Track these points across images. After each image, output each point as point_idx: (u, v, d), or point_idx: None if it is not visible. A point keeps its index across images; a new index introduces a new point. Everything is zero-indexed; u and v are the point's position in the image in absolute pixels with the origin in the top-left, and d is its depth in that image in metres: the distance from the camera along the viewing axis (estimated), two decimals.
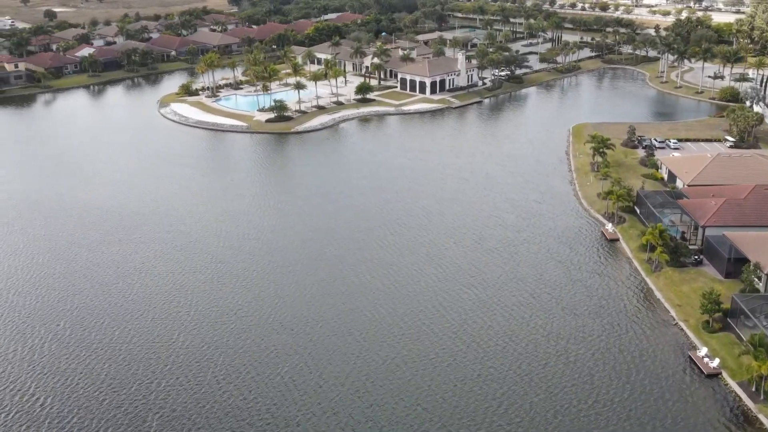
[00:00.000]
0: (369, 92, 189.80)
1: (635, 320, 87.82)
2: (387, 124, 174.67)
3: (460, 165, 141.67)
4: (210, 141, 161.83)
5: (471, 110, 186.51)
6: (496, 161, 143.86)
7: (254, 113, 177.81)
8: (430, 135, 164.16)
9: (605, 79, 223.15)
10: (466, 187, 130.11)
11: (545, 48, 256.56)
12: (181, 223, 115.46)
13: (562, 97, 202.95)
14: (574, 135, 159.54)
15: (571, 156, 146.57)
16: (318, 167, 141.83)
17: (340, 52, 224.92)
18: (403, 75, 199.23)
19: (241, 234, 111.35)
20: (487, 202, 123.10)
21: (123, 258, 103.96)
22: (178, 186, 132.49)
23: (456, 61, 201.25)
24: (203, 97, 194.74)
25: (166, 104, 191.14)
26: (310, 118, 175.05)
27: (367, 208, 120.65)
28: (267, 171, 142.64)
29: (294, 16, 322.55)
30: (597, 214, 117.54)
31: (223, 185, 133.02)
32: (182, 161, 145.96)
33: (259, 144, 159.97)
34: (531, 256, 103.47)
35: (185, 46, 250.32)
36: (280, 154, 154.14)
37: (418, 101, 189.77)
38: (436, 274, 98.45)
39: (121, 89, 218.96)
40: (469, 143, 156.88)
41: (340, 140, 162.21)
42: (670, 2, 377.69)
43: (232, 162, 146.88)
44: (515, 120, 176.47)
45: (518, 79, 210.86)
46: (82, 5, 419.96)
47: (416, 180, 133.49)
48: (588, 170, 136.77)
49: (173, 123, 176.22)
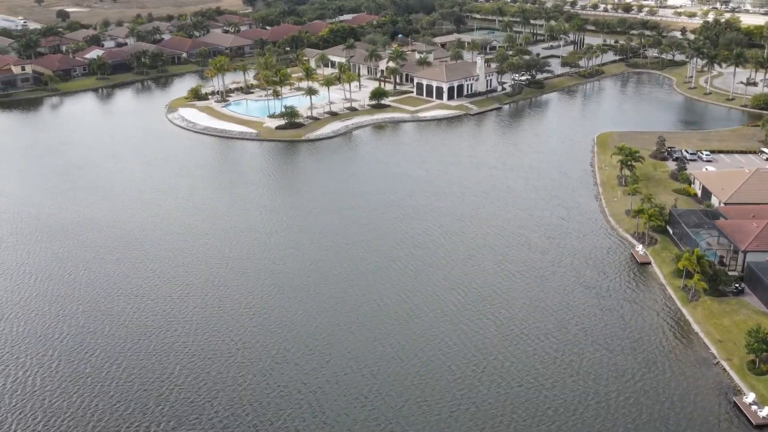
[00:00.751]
0: (384, 98, 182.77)
1: (672, 357, 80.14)
2: (402, 131, 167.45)
3: (480, 178, 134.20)
4: (217, 149, 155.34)
5: (490, 117, 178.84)
6: (518, 174, 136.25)
7: (264, 119, 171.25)
8: (447, 144, 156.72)
9: (630, 84, 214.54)
10: (488, 202, 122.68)
11: (567, 51, 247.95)
12: (183, 242, 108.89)
13: (585, 103, 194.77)
14: (599, 145, 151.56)
15: (597, 168, 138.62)
16: (329, 179, 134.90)
17: (355, 55, 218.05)
18: (419, 80, 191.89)
19: (245, 254, 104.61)
20: (509, 219, 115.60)
21: (119, 277, 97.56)
22: (180, 201, 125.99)
23: (474, 66, 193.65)
24: (212, 101, 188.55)
25: (174, 109, 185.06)
26: (322, 125, 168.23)
27: (381, 226, 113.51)
28: (276, 183, 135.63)
29: (309, 17, 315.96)
30: (626, 234, 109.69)
31: (228, 199, 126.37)
32: (187, 172, 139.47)
33: (268, 153, 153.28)
34: (557, 281, 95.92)
35: (196, 48, 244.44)
36: (290, 164, 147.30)
37: (434, 107, 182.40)
38: (455, 301, 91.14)
39: (129, 92, 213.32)
40: (489, 154, 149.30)
41: (353, 149, 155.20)
42: (695, 3, 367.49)
43: (239, 173, 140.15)
44: (537, 128, 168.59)
45: (539, 84, 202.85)
46: (96, 5, 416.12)
47: (434, 194, 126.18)
48: (615, 184, 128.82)
49: (181, 129, 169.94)
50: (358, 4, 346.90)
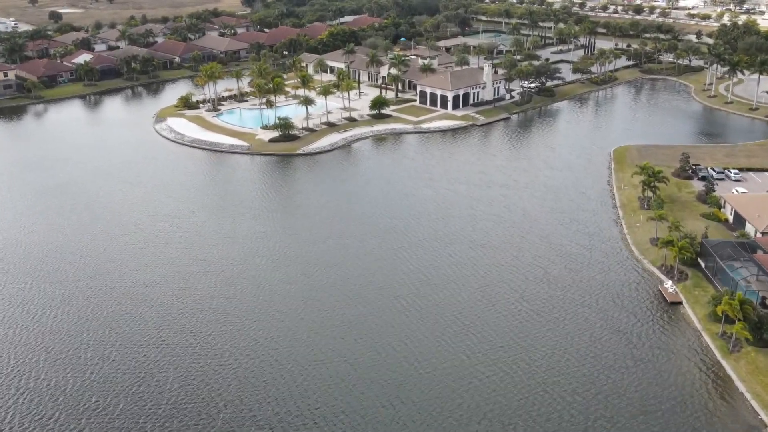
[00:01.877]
0: (385, 107, 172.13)
1: (716, 420, 69.63)
2: (405, 144, 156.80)
3: (492, 198, 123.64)
4: (206, 164, 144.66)
5: (498, 128, 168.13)
6: (532, 194, 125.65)
7: (257, 131, 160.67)
8: (454, 159, 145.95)
9: (645, 92, 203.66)
10: (501, 228, 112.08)
11: (577, 56, 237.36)
12: (161, 277, 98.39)
13: (598, 112, 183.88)
14: (617, 160, 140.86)
15: (615, 188, 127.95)
16: (326, 200, 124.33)
17: (355, 61, 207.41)
18: (422, 87, 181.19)
19: (230, 292, 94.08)
20: (525, 248, 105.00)
21: (88, 321, 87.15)
22: (162, 226, 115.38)
23: (481, 73, 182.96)
24: (203, 111, 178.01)
25: (162, 119, 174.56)
26: (318, 137, 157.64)
27: (383, 257, 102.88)
28: (267, 205, 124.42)
29: (308, 19, 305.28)
30: (652, 267, 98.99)
31: (215, 224, 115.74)
32: (171, 192, 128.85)
33: (260, 168, 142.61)
34: (581, 324, 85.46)
35: (189, 52, 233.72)
36: (283, 182, 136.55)
37: (439, 117, 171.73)
38: (467, 349, 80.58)
39: (117, 100, 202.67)
40: (500, 170, 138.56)
41: (351, 164, 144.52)
42: (708, 4, 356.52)
43: (227, 193, 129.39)
44: (549, 141, 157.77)
45: (549, 92, 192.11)
46: (91, 6, 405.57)
47: (442, 218, 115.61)
48: (636, 207, 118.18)
49: (168, 141, 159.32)
50: (360, 6, 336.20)
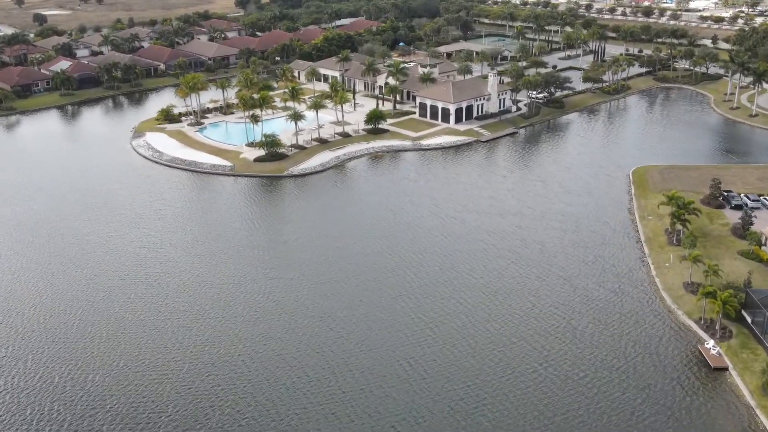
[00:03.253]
0: (381, 121, 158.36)
1: None
2: (404, 163, 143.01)
3: (504, 230, 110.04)
4: (183, 188, 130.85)
5: (505, 145, 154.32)
6: (549, 224, 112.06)
7: (242, 148, 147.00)
8: (459, 181, 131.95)
9: (660, 103, 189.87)
10: (517, 267, 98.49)
11: (586, 62, 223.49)
12: (128, 329, 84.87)
13: (612, 126, 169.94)
14: (637, 184, 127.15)
15: (638, 216, 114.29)
16: (316, 233, 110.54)
17: (350, 69, 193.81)
18: (422, 99, 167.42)
19: (200, 352, 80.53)
20: (547, 293, 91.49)
21: (38, 381, 73.67)
22: (129, 267, 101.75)
23: (485, 83, 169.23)
24: (185, 124, 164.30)
25: (141, 133, 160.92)
26: (308, 155, 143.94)
27: (380, 307, 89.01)
28: (248, 239, 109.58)
29: (303, 22, 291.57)
30: (689, 320, 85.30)
31: (189, 264, 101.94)
32: (143, 222, 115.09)
33: (243, 193, 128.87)
34: (618, 395, 72.22)
35: (175, 59, 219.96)
36: (268, 211, 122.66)
37: (440, 133, 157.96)
38: (484, 426, 67.20)
39: (95, 111, 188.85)
40: (511, 194, 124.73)
41: (345, 188, 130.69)
42: (719, 6, 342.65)
43: (204, 225, 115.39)
44: (562, 159, 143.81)
45: (558, 103, 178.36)
46: (79, 8, 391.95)
47: (449, 254, 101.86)
48: (664, 242, 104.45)
49: (144, 160, 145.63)
50: (357, 8, 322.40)
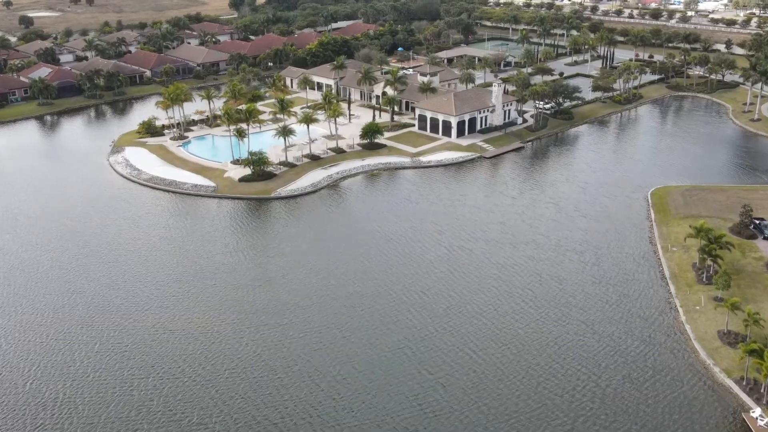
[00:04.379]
0: (378, 135, 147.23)
1: None
2: (403, 182, 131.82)
3: (517, 262, 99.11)
4: (161, 212, 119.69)
5: (511, 161, 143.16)
6: (567, 255, 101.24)
7: (227, 166, 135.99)
8: (464, 203, 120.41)
9: (675, 113, 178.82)
10: (534, 310, 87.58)
11: (594, 68, 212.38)
12: (92, 382, 73.91)
13: (625, 139, 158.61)
14: (657, 208, 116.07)
15: (660, 247, 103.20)
16: (306, 267, 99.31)
17: (345, 76, 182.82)
18: (422, 111, 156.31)
19: (174, 416, 69.54)
20: (568, 343, 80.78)
21: None
22: (94, 310, 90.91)
23: (490, 94, 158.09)
24: (168, 138, 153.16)
25: (120, 148, 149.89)
26: (299, 174, 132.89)
27: (380, 359, 77.99)
28: (227, 276, 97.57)
29: (298, 25, 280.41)
30: (728, 380, 74.25)
31: (158, 304, 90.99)
32: (109, 254, 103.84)
33: (227, 217, 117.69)
34: None
35: (162, 65, 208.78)
36: (253, 239, 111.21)
37: (440, 148, 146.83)
38: None
39: (74, 123, 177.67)
40: (522, 219, 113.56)
41: (338, 212, 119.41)
42: (729, 8, 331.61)
43: (181, 258, 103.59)
44: (574, 178, 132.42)
45: (567, 114, 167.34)
46: (69, 9, 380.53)
47: (456, 294, 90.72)
48: (692, 280, 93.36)
49: (121, 179, 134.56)
50: (354, 10, 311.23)
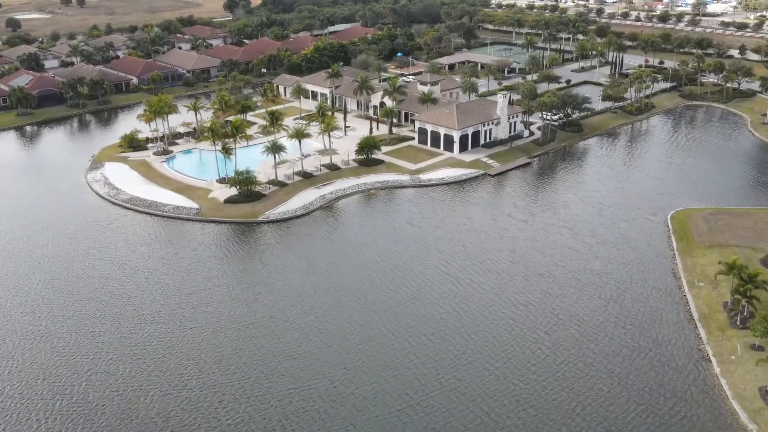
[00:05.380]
0: (375, 150, 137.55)
1: None
2: (403, 203, 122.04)
3: (532, 298, 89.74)
4: (138, 238, 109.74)
5: (518, 178, 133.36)
6: (585, 289, 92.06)
7: (213, 185, 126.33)
8: (471, 228, 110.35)
9: (690, 125, 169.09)
10: (553, 355, 78.60)
11: (602, 74, 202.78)
12: None
13: (638, 154, 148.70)
14: (679, 235, 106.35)
15: (685, 281, 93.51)
16: (297, 307, 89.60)
17: (341, 85, 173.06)
18: (422, 124, 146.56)
19: None
20: (592, 401, 71.42)
21: None
22: (54, 354, 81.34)
23: (494, 105, 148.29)
24: (151, 153, 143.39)
25: (100, 164, 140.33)
26: (289, 194, 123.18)
27: (380, 425, 68.51)
28: (212, 315, 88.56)
29: (294, 29, 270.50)
30: None
31: (125, 354, 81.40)
32: (81, 290, 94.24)
33: (210, 245, 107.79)
34: None
35: (149, 72, 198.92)
36: (238, 272, 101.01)
37: (442, 164, 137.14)
38: None
39: (55, 134, 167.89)
40: (535, 246, 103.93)
41: (332, 239, 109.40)
42: (738, 10, 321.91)
43: (158, 290, 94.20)
44: (588, 198, 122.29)
45: (576, 126, 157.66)
46: (59, 11, 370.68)
47: (466, 340, 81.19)
48: (724, 323, 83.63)
49: (98, 199, 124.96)
50: (353, 13, 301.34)
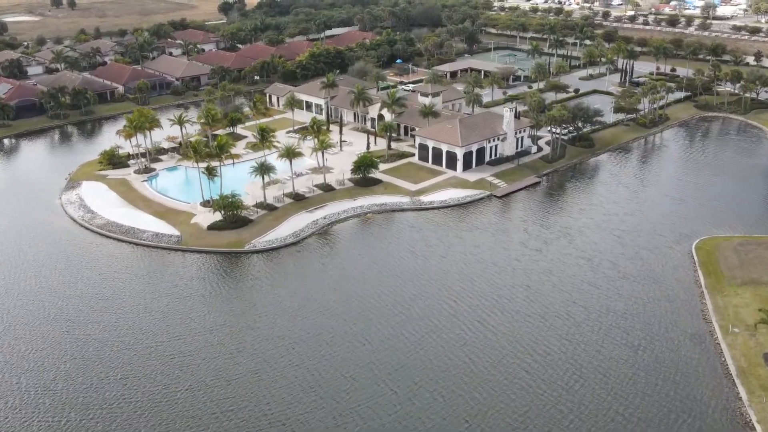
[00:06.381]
0: (372, 169, 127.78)
1: None
2: (403, 229, 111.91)
3: (551, 345, 79.81)
4: (112, 272, 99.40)
5: (527, 200, 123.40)
6: (609, 333, 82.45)
7: (196, 208, 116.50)
8: (480, 259, 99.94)
9: (707, 138, 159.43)
10: (578, 420, 68.30)
11: (612, 82, 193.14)
12: None
13: (654, 172, 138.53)
14: (705, 267, 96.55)
15: (718, 326, 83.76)
16: (285, 359, 79.82)
17: (337, 95, 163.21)
18: (423, 140, 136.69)
19: None
20: None
21: None
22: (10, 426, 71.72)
23: (500, 120, 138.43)
24: (132, 171, 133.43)
25: (76, 183, 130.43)
26: (279, 219, 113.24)
27: None
28: (188, 367, 79.47)
29: (289, 33, 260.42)
30: None
31: (88, 418, 71.72)
32: (39, 340, 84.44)
33: (191, 279, 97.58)
34: None
35: (136, 80, 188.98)
36: (219, 311, 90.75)
37: (444, 184, 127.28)
38: None
39: (32, 148, 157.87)
40: (550, 281, 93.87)
41: (326, 273, 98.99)
42: (749, 13, 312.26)
43: (131, 336, 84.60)
44: (605, 224, 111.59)
45: (587, 141, 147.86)
46: (50, 13, 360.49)
47: (479, 398, 71.06)
48: (766, 381, 73.93)
49: (72, 224, 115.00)
50: (350, 16, 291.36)
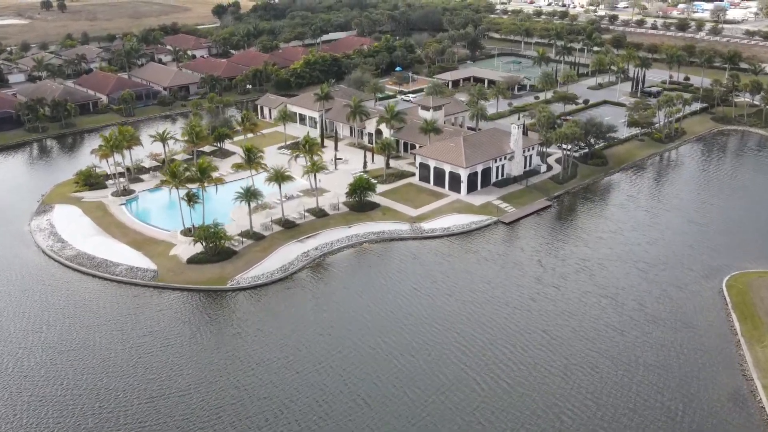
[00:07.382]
0: (369, 192, 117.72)
1: None
2: (403, 261, 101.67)
3: (576, 410, 69.79)
4: (79, 312, 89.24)
5: (538, 226, 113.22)
6: (641, 391, 72.60)
7: (176, 237, 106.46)
8: (491, 296, 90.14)
9: (725, 154, 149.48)
10: None
11: (623, 92, 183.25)
12: None
13: (673, 193, 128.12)
14: (739, 310, 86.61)
15: (759, 384, 73.84)
16: (273, 428, 70.07)
17: (332, 108, 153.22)
18: (424, 159, 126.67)
19: None
20: None
21: None
22: None
23: (508, 137, 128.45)
24: (110, 193, 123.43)
25: (49, 207, 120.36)
26: (266, 250, 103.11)
27: None
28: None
29: (285, 38, 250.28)
30: None
31: None
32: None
33: (166, 322, 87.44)
34: None
35: (121, 90, 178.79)
36: (196, 364, 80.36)
37: (447, 209, 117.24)
38: None
39: (6, 165, 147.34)
40: (572, 325, 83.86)
41: (319, 315, 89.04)
42: (759, 17, 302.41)
43: (92, 393, 74.57)
44: (627, 255, 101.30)
45: (600, 158, 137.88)
46: (39, 16, 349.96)
47: None
48: None
49: (40, 255, 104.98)
50: (348, 19, 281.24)
